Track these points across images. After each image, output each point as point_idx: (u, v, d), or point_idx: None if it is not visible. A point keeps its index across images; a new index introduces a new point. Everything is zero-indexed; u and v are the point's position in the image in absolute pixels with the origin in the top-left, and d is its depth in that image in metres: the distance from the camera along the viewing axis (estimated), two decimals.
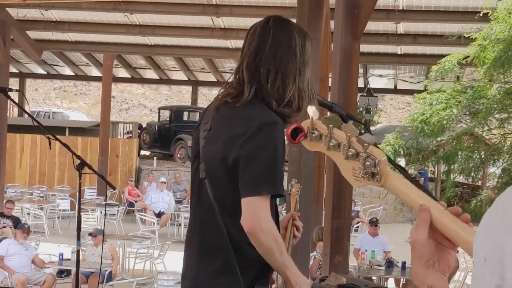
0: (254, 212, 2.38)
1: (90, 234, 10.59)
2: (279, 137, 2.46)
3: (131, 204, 18.13)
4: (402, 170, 2.35)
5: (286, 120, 2.55)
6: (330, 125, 1.50)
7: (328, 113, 2.49)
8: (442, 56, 9.72)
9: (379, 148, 1.41)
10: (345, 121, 2.59)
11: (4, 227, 12.23)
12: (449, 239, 1.37)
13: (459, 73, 11.60)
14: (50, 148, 4.60)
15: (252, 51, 2.59)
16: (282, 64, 2.56)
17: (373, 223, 12.10)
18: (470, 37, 8.92)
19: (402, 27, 13.54)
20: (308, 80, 2.61)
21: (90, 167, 4.60)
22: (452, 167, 9.66)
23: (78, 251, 5.00)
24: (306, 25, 5.68)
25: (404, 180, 1.42)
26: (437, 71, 9.27)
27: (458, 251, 10.73)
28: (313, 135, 1.53)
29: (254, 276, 2.52)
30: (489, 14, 8.71)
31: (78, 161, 4.55)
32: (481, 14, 9.10)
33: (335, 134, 1.49)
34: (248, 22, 13.13)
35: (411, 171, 10.73)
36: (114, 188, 5.11)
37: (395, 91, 23.80)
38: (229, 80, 2.67)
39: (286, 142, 1.56)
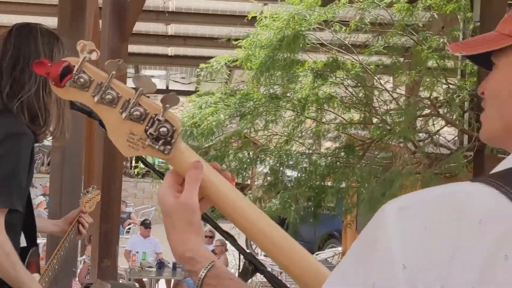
0: None
1: None
2: (25, 150, 2.35)
3: None
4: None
5: (37, 136, 2.45)
6: (113, 72, 1.12)
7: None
8: (212, 58, 9.89)
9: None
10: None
11: None
12: (213, 201, 1.20)
13: (227, 75, 11.90)
14: None
15: None
16: (22, 77, 2.42)
17: (146, 224, 12.07)
18: (238, 43, 9.14)
19: (172, 28, 13.63)
20: None
21: None
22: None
23: None
24: (68, 25, 5.44)
25: (200, 157, 1.19)
26: (206, 71, 9.43)
27: None
28: (80, 80, 1.12)
29: None
30: (257, 19, 8.97)
31: None
32: (249, 18, 9.34)
33: (116, 86, 1.12)
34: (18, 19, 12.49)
35: None
36: None
37: (167, 91, 23.99)
38: None
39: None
